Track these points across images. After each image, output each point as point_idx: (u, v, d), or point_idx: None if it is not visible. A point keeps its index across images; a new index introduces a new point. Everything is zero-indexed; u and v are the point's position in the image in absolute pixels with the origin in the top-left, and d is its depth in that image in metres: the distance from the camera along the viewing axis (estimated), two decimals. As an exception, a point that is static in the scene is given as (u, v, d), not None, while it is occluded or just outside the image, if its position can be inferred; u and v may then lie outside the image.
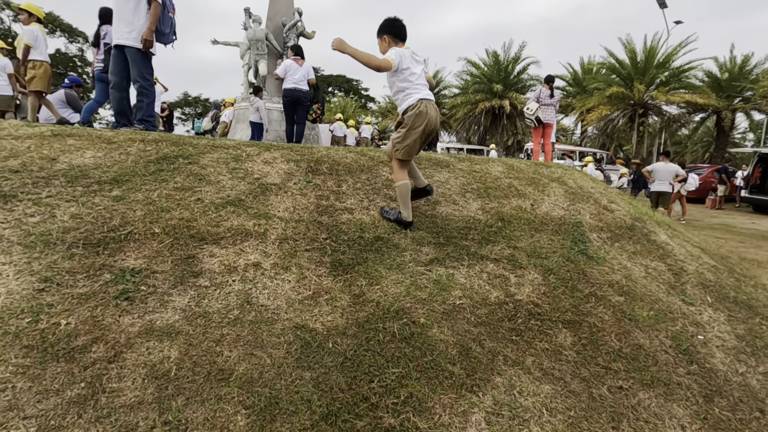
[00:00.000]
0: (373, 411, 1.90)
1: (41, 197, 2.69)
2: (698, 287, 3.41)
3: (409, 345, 2.26)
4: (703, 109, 24.84)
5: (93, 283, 2.21)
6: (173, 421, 1.70)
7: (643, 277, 3.32)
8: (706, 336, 2.86)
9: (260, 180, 3.40)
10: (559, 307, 2.76)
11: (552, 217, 3.83)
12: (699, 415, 2.24)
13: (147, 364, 1.89)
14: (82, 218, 2.59)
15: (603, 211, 4.23)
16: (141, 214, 2.73)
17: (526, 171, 4.70)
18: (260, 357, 2.04)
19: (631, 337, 2.66)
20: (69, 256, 2.32)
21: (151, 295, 2.23)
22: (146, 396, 1.77)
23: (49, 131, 3.55)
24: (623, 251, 3.64)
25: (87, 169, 3.07)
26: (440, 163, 4.40)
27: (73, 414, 1.65)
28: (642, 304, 2.97)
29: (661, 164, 9.53)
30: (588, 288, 3.00)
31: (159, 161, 3.37)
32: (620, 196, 5.18)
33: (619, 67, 25.15)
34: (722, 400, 2.38)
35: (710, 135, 34.59)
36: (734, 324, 3.07)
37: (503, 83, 28.83)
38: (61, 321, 1.99)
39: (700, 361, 2.62)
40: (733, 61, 24.45)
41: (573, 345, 2.51)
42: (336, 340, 2.21)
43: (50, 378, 1.76)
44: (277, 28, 10.55)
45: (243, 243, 2.72)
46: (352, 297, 2.51)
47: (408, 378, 2.08)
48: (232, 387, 1.87)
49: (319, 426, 1.79)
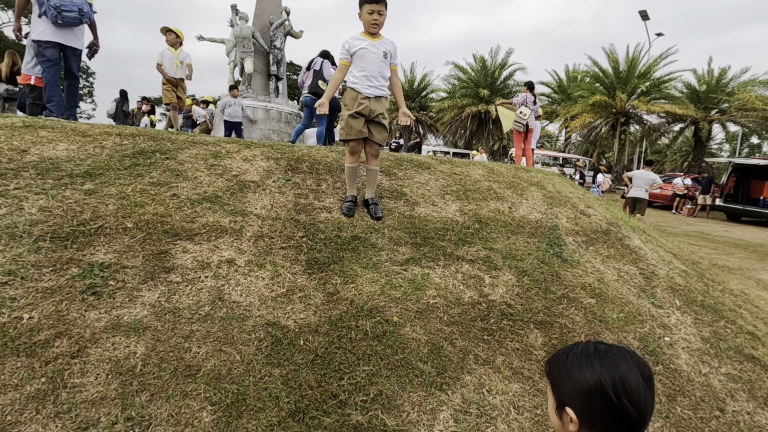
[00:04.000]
0: (342, 408, 1.90)
1: (9, 189, 2.62)
2: (668, 291, 3.51)
3: (380, 343, 2.27)
4: (681, 120, 25.52)
5: (59, 277, 2.17)
6: (136, 417, 1.68)
7: (615, 281, 3.40)
8: (672, 338, 2.94)
9: (238, 177, 3.38)
10: (532, 308, 2.80)
11: (529, 220, 3.89)
12: (661, 414, 2.30)
13: (112, 359, 1.86)
14: (51, 211, 2.53)
15: (580, 215, 4.31)
16: (113, 208, 2.68)
17: (506, 175, 4.77)
18: (229, 353, 2.02)
19: (601, 337, 2.71)
20: (35, 249, 2.27)
21: (120, 290, 2.19)
22: (109, 392, 1.74)
23: (21, 122, 3.47)
24: (597, 255, 3.72)
25: (59, 162, 3.00)
26: (421, 164, 4.44)
27: (32, 409, 1.62)
28: (612, 306, 3.04)
29: (641, 171, 9.87)
30: (561, 290, 3.05)
31: (135, 156, 3.31)
32: (598, 202, 5.29)
33: (603, 76, 25.69)
34: (684, 399, 2.45)
35: (689, 145, 35.58)
36: (700, 326, 3.16)
37: (490, 88, 29.17)
38: (23, 315, 1.94)
39: (666, 361, 2.70)
40: (710, 74, 25.21)
41: (543, 345, 2.55)
42: (308, 338, 2.21)
43: (9, 373, 1.71)
44: (264, 26, 10.49)
45: (218, 239, 2.69)
46: (326, 295, 2.51)
47: (378, 376, 2.09)
48: (199, 383, 1.85)
49: (287, 422, 1.79)
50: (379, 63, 3.11)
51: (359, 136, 3.14)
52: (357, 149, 3.24)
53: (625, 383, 0.81)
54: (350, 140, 3.18)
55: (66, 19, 4.43)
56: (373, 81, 3.12)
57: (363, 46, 3.07)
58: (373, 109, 3.13)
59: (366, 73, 3.09)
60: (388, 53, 3.16)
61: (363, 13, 3.04)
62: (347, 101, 3.17)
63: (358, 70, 3.11)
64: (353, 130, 3.12)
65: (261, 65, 10.50)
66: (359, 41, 3.09)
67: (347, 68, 3.15)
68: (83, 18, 4.52)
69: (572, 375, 0.86)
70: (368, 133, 3.17)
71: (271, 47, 10.43)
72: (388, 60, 3.17)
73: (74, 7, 4.44)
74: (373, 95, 3.13)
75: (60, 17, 4.37)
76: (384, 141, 3.29)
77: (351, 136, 3.14)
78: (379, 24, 3.06)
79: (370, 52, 3.08)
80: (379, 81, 3.14)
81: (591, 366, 0.84)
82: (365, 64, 3.09)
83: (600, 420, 0.82)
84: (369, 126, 3.17)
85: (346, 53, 3.10)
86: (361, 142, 3.22)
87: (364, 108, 3.10)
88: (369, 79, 3.10)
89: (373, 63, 3.10)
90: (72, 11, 4.43)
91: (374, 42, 3.10)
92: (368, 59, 3.09)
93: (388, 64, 3.19)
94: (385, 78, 3.19)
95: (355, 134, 3.13)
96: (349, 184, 3.36)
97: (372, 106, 3.12)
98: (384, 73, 3.17)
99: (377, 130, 3.21)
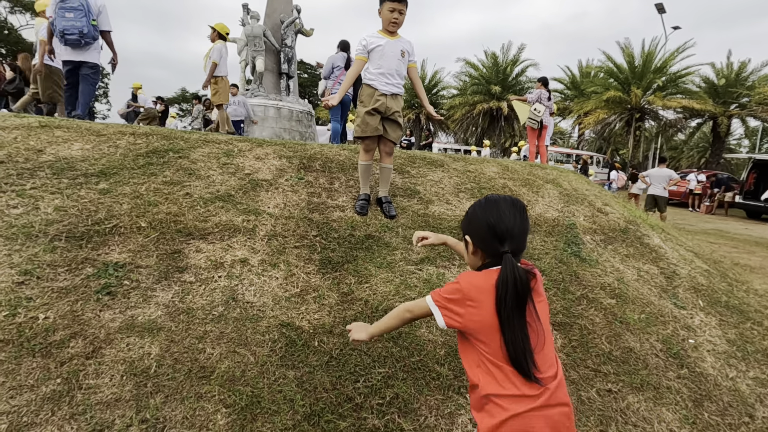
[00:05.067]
0: (358, 411, 1.87)
1: (25, 189, 2.64)
2: (690, 291, 3.40)
3: (396, 345, 2.22)
4: (699, 115, 24.95)
5: (74, 276, 2.16)
6: (151, 419, 1.66)
7: (635, 280, 3.30)
8: (697, 340, 2.84)
9: (251, 176, 3.36)
10: (551, 308, 2.73)
11: (546, 218, 3.81)
12: (688, 420, 2.22)
13: (126, 360, 1.85)
14: (67, 211, 2.53)
15: (597, 213, 4.21)
16: (127, 207, 2.68)
17: (520, 172, 4.68)
18: (243, 355, 2.00)
19: (622, 339, 2.63)
20: (51, 248, 2.27)
21: (134, 290, 2.18)
22: (124, 393, 1.73)
23: (37, 122, 3.49)
24: (616, 254, 3.62)
25: (74, 161, 3.01)
26: (434, 162, 4.37)
27: (47, 410, 1.61)
28: (633, 307, 2.95)
29: (656, 169, 9.91)
30: (580, 290, 2.97)
31: (149, 155, 3.32)
32: (615, 199, 5.17)
33: (617, 71, 25.22)
34: (712, 405, 2.36)
35: (706, 141, 34.80)
36: (725, 328, 3.06)
37: (501, 85, 28.85)
38: (39, 315, 1.94)
39: (691, 365, 2.60)
40: (730, 68, 24.57)
41: (563, 347, 2.48)
42: (322, 339, 2.17)
43: (25, 373, 1.71)
44: (275, 25, 10.48)
45: (231, 239, 2.67)
46: (340, 295, 2.48)
47: (394, 378, 2.05)
48: (213, 385, 1.83)
49: (302, 426, 1.76)
50: (396, 61, 3.07)
51: (375, 133, 3.10)
52: (372, 147, 3.20)
53: (501, 211, 1.23)
54: (365, 138, 3.14)
55: (69, 41, 4.88)
56: (390, 78, 3.08)
57: (380, 44, 3.04)
58: (390, 106, 3.09)
59: (383, 70, 3.05)
60: (406, 51, 3.12)
61: (383, 11, 2.99)
62: (363, 98, 3.13)
63: (375, 67, 3.07)
64: (369, 127, 3.08)
65: (272, 64, 10.50)
66: (377, 39, 3.05)
67: (363, 64, 3.11)
68: (83, 39, 4.88)
69: (471, 217, 1.30)
70: (383, 130, 3.13)
71: (282, 45, 10.42)
72: (405, 58, 3.13)
73: (75, 30, 4.85)
74: (390, 92, 3.09)
75: (63, 39, 4.86)
76: (399, 139, 3.26)
77: (366, 133, 3.10)
78: (399, 23, 3.03)
79: (388, 50, 3.04)
80: (396, 79, 3.10)
81: (481, 207, 1.28)
82: (382, 62, 3.05)
83: (485, 238, 1.24)
84: (384, 124, 3.13)
85: (363, 49, 3.06)
86: (376, 139, 3.18)
87: (381, 105, 3.06)
88: (386, 76, 3.06)
89: (390, 61, 3.06)
90: (73, 34, 4.85)
91: (392, 40, 3.07)
92: (386, 57, 3.05)
93: (406, 62, 3.15)
94: (401, 76, 3.15)
95: (371, 131, 3.09)
96: (363, 182, 3.32)
97: (388, 104, 3.08)
98: (401, 72, 3.13)
99: (392, 128, 3.17)
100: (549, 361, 1.21)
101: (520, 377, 1.15)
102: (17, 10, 28.19)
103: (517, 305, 1.15)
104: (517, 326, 1.15)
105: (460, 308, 1.21)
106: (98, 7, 4.98)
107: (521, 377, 1.14)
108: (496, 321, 1.16)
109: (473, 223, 1.28)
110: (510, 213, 1.22)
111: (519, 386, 1.14)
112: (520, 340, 1.14)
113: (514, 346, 1.14)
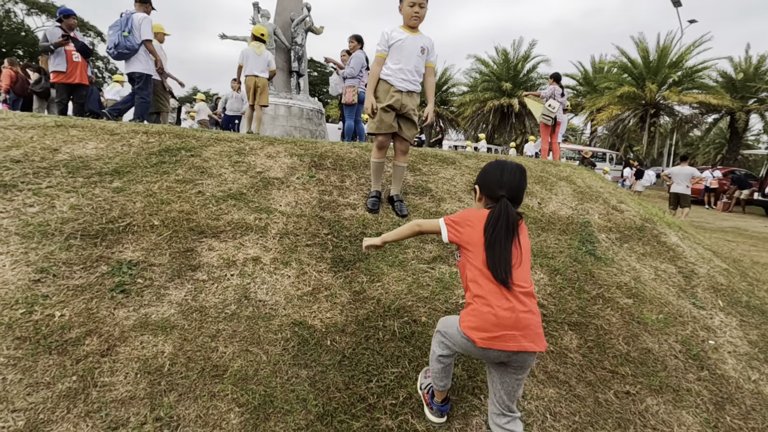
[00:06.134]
0: (371, 412, 1.85)
1: (41, 187, 2.67)
2: (709, 291, 3.31)
3: (409, 344, 2.20)
4: (716, 110, 24.39)
5: (89, 274, 2.18)
6: (165, 418, 1.66)
7: (652, 280, 3.23)
8: (717, 341, 2.76)
9: (263, 174, 3.36)
10: (566, 308, 2.68)
11: (559, 216, 3.75)
12: (709, 423, 2.16)
13: (140, 358, 1.85)
14: (82, 209, 2.56)
15: (612, 211, 4.13)
16: (141, 206, 2.70)
17: (533, 169, 4.61)
18: (256, 354, 1.99)
19: (640, 340, 2.58)
20: (66, 247, 2.29)
21: (148, 288, 2.19)
22: (138, 391, 1.73)
23: (53, 122, 3.54)
24: (632, 252, 3.55)
25: (88, 160, 3.04)
26: (446, 159, 4.33)
27: (63, 408, 1.62)
28: (651, 307, 2.88)
29: (679, 167, 9.91)
30: (595, 289, 2.92)
31: (161, 153, 3.33)
32: (630, 197, 5.07)
33: (631, 67, 24.77)
34: (734, 408, 2.29)
35: (723, 136, 34.05)
36: (746, 329, 2.97)
37: (512, 81, 28.57)
38: (55, 313, 1.96)
39: (711, 366, 2.54)
40: (748, 61, 23.96)
41: (579, 348, 2.43)
42: (334, 338, 2.16)
43: (41, 370, 1.72)
44: (286, 23, 10.49)
45: (243, 237, 2.67)
46: (352, 294, 2.46)
47: (407, 378, 2.03)
48: (226, 384, 1.83)
49: (315, 426, 1.74)
50: (415, 57, 3.01)
51: (389, 130, 3.06)
52: (385, 144, 3.16)
53: (506, 168, 1.63)
54: (379, 134, 3.10)
55: (111, 55, 5.58)
56: (407, 75, 3.02)
57: (401, 38, 2.98)
58: (405, 103, 3.04)
59: (401, 66, 3.00)
60: (426, 48, 3.06)
61: (404, 6, 2.93)
62: (379, 94, 3.08)
63: (393, 62, 3.02)
64: (384, 124, 3.04)
65: (282, 62, 10.52)
66: (398, 33, 3.00)
67: (383, 61, 3.05)
68: (116, 49, 5.47)
69: (484, 171, 1.70)
70: (398, 128, 3.09)
71: (293, 44, 10.43)
72: (425, 56, 3.06)
73: (111, 44, 5.49)
74: (406, 89, 3.04)
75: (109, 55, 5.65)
76: (413, 137, 3.20)
77: (381, 129, 3.06)
78: (420, 17, 2.96)
79: (408, 45, 2.98)
80: (413, 75, 3.04)
81: (491, 165, 1.68)
82: (401, 57, 3.00)
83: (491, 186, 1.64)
84: (399, 121, 3.09)
85: (384, 44, 3.00)
86: (390, 137, 3.14)
87: (396, 101, 3.01)
88: (404, 72, 3.01)
89: (409, 56, 3.00)
90: (110, 48, 5.52)
91: (413, 36, 3.00)
92: (405, 52, 2.99)
93: (425, 59, 3.08)
94: (419, 73, 3.09)
95: (386, 128, 3.05)
96: (375, 179, 3.29)
97: (404, 101, 3.03)
98: (419, 69, 3.06)
99: (407, 126, 3.12)
100: (524, 277, 1.54)
101: (497, 283, 1.50)
102: (34, 12, 28.70)
103: (505, 232, 1.52)
104: (502, 246, 1.51)
105: (460, 228, 1.62)
106: (139, 21, 5.50)
107: (498, 283, 1.49)
108: (483, 240, 1.54)
109: (483, 176, 1.69)
110: (512, 170, 1.63)
111: (495, 287, 1.50)
112: (502, 256, 1.50)
113: (497, 259, 1.49)
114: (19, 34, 28.31)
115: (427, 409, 1.86)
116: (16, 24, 28.26)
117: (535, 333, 1.49)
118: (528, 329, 1.47)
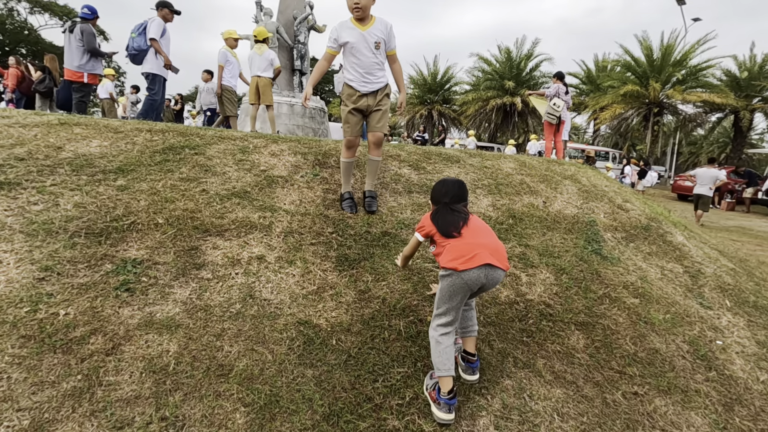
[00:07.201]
0: (377, 412, 1.83)
1: (45, 185, 2.66)
2: (716, 290, 3.29)
3: (415, 344, 2.18)
4: (720, 109, 24.23)
5: (94, 273, 2.17)
6: (170, 417, 1.65)
7: (659, 279, 3.21)
8: (725, 341, 2.74)
9: (267, 172, 3.34)
10: (572, 308, 2.66)
11: (565, 215, 3.72)
12: (718, 425, 2.14)
13: (145, 357, 1.84)
14: (86, 207, 2.55)
15: (618, 210, 4.10)
16: (145, 204, 2.69)
17: (538, 168, 4.59)
18: (261, 353, 1.98)
19: (647, 340, 2.55)
20: (71, 245, 2.28)
21: (152, 287, 2.18)
22: (143, 390, 1.72)
23: (57, 120, 3.53)
24: (638, 252, 3.52)
25: (92, 158, 3.03)
26: (450, 158, 4.31)
27: (68, 407, 1.61)
28: (658, 307, 2.86)
29: (704, 169, 10.10)
30: (602, 289, 2.89)
31: (165, 151, 3.32)
32: (635, 196, 5.04)
33: (635, 65, 24.62)
34: (743, 409, 2.27)
35: (727, 135, 33.85)
36: (754, 329, 2.95)
37: (515, 80, 28.43)
38: (60, 311, 1.95)
39: (719, 367, 2.51)
40: (753, 60, 23.78)
41: (586, 348, 2.41)
42: (340, 337, 2.15)
43: (46, 369, 1.72)
44: (288, 21, 10.48)
45: (247, 235, 2.66)
46: (357, 293, 2.44)
47: (413, 378, 2.01)
48: (232, 383, 1.82)
49: (321, 426, 1.73)
50: (371, 55, 2.88)
51: (357, 134, 3.06)
52: (355, 143, 3.09)
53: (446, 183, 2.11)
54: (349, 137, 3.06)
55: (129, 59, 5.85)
56: (368, 77, 2.93)
57: (352, 39, 2.84)
58: (370, 103, 2.99)
59: (360, 69, 2.91)
60: (380, 42, 2.89)
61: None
62: (344, 97, 3.04)
63: (351, 65, 2.92)
64: (353, 128, 3.02)
65: (285, 60, 10.50)
66: (348, 30, 2.85)
67: (332, 58, 2.97)
68: (128, 51, 5.72)
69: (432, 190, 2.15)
70: (368, 124, 3.06)
71: (295, 42, 10.42)
72: (381, 49, 2.92)
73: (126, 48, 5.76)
74: (370, 90, 2.96)
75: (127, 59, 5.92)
76: (385, 127, 3.08)
77: (349, 134, 3.03)
78: (362, 7, 2.77)
79: (361, 45, 2.85)
80: (374, 76, 2.95)
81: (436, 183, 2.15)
82: (357, 60, 2.89)
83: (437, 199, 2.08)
84: (367, 118, 3.05)
85: (334, 42, 2.88)
86: (359, 136, 3.10)
87: (362, 104, 2.97)
88: (363, 75, 2.92)
89: (364, 57, 2.87)
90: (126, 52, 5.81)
91: (364, 31, 2.84)
92: (359, 53, 2.87)
93: (383, 52, 2.95)
94: (380, 69, 2.97)
95: (354, 132, 3.04)
96: (345, 179, 3.18)
97: (369, 101, 2.98)
98: (379, 65, 2.95)
99: (376, 117, 3.02)
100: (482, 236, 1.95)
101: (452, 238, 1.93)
102: (36, 10, 28.73)
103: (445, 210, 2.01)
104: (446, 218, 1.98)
105: (424, 225, 2.06)
106: (150, 23, 5.71)
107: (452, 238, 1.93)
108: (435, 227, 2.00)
109: (432, 193, 2.15)
110: (451, 183, 2.10)
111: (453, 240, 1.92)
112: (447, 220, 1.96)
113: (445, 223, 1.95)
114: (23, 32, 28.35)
115: (435, 407, 1.85)
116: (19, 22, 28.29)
117: (501, 254, 1.92)
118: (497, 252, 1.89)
